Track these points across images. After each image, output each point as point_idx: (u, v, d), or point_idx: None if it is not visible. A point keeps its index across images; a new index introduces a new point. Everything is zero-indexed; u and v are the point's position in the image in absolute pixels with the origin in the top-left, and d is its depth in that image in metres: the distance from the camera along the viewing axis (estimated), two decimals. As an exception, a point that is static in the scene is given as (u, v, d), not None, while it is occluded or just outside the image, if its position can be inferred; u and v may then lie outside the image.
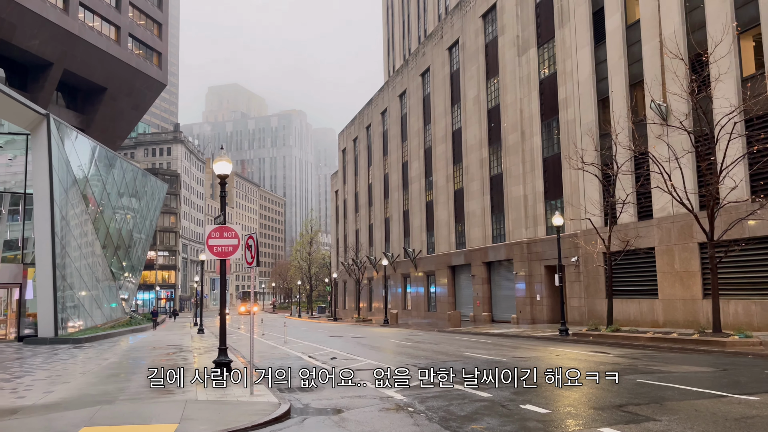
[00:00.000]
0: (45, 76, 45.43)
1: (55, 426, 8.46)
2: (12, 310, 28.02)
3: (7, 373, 15.16)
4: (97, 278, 36.31)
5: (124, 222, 43.70)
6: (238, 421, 8.68)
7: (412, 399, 10.40)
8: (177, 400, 10.47)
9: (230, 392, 11.25)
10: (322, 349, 22.24)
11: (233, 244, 13.35)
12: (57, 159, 27.52)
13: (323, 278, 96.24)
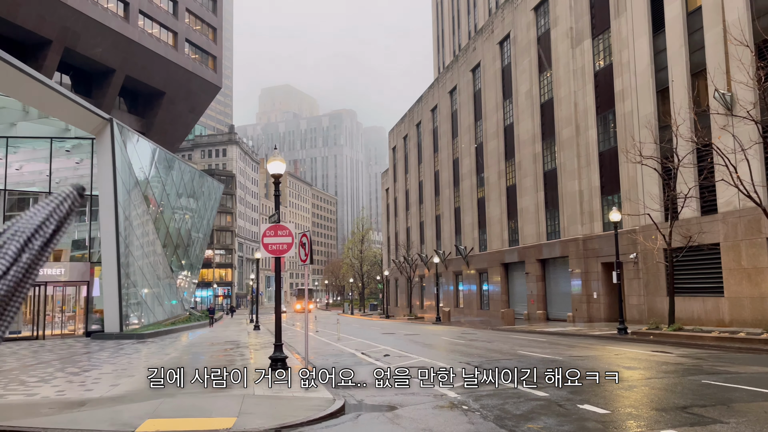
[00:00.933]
0: (108, 82, 47.40)
1: (120, 418, 8.82)
2: (80, 306, 29.39)
3: (76, 367, 15.92)
4: (158, 276, 37.66)
5: (182, 221, 45.15)
6: (294, 416, 8.82)
7: (465, 397, 10.32)
8: (235, 394, 10.73)
9: (286, 388, 11.44)
10: (374, 346, 22.36)
11: (287, 242, 13.58)
12: (120, 162, 28.68)
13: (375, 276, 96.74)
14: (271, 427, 8.21)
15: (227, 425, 8.18)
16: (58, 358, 18.63)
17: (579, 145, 34.66)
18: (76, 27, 42.15)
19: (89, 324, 28.31)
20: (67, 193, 1.03)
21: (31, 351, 21.10)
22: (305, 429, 8.24)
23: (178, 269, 44.81)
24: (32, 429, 8.09)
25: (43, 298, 27.53)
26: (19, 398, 10.85)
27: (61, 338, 26.97)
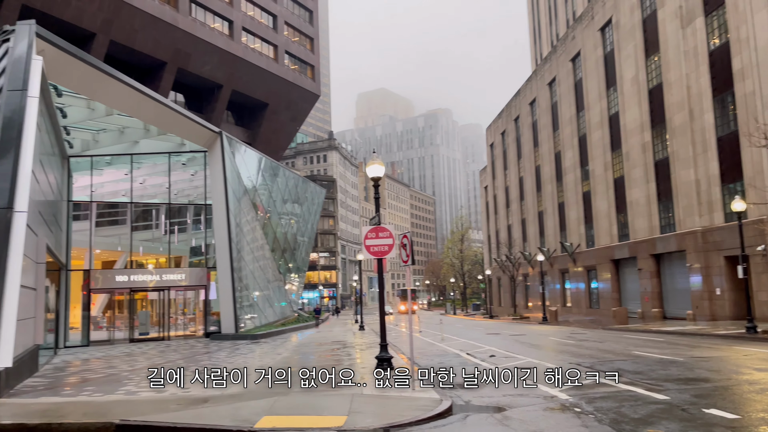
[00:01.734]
0: (216, 97, 50.40)
1: (240, 414, 9.32)
2: (199, 309, 31.44)
3: (198, 366, 17.02)
4: (268, 279, 39.49)
5: (288, 226, 47.05)
6: (402, 415, 8.91)
7: (578, 399, 9.94)
8: (344, 393, 11.01)
9: (393, 387, 11.58)
10: (479, 346, 22.10)
11: (389, 243, 13.75)
12: (230, 172, 30.39)
13: (476, 275, 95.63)
14: (380, 426, 8.34)
15: (338, 423, 8.41)
16: (182, 357, 20.02)
17: (693, 131, 32.35)
18: (187, 48, 45.19)
19: (208, 325, 30.19)
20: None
21: (158, 351, 22.83)
22: (413, 429, 8.30)
23: (285, 272, 46.74)
24: (163, 423, 8.76)
25: (167, 301, 29.70)
26: (150, 395, 11.78)
27: (183, 339, 28.97)
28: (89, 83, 20.33)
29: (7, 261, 12.30)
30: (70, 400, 11.34)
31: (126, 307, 29.74)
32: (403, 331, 36.15)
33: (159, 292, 29.46)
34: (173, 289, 29.75)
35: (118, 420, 8.91)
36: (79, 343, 26.30)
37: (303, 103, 59.80)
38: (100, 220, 30.18)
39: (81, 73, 19.28)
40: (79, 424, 8.87)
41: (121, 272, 29.02)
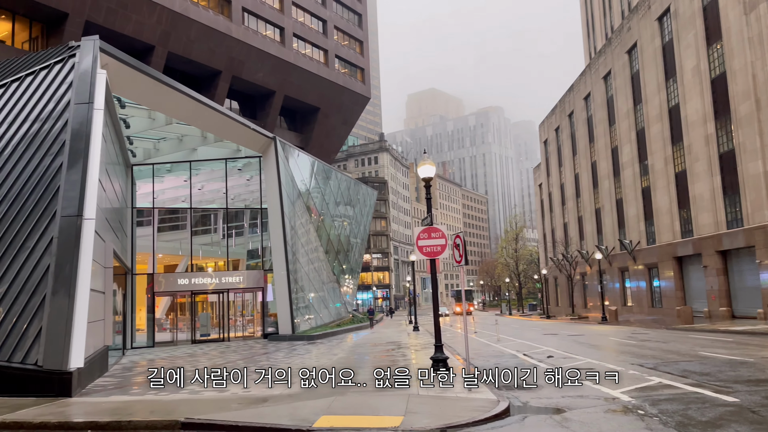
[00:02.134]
0: (269, 103, 51.48)
1: (299, 414, 9.49)
2: (257, 310, 32.18)
3: (257, 366, 17.43)
4: (322, 281, 40.02)
5: (341, 228, 47.54)
6: (458, 416, 8.87)
7: (641, 401, 9.64)
8: (400, 394, 11.05)
9: (448, 388, 11.54)
10: (536, 347, 21.71)
11: (441, 243, 13.72)
12: (284, 176, 30.98)
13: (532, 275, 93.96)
14: (437, 427, 8.33)
15: (395, 424, 8.45)
16: (241, 358, 20.54)
17: (761, 121, 30.80)
18: (240, 56, 46.36)
19: (265, 327, 30.85)
20: None
21: (219, 351, 23.50)
22: (471, 430, 8.25)
23: (339, 273, 47.23)
24: (225, 422, 9.02)
25: (226, 303, 30.55)
26: (212, 394, 12.14)
27: (243, 340, 29.70)
28: (150, 94, 21.15)
29: (78, 266, 12.94)
30: (137, 399, 11.82)
31: (188, 310, 30.76)
32: (458, 332, 35.92)
33: (218, 294, 30.32)
34: (232, 291, 30.56)
35: (183, 418, 9.23)
36: (145, 344, 27.37)
37: (353, 105, 60.31)
38: (162, 226, 31.32)
39: (142, 84, 20.08)
40: (147, 421, 9.24)
41: (183, 275, 30.01)
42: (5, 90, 16.54)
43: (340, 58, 58.11)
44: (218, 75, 45.92)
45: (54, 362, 11.92)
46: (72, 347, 12.16)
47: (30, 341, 12.20)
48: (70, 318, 12.36)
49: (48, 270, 12.85)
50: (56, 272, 12.77)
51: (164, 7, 39.75)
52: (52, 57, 16.90)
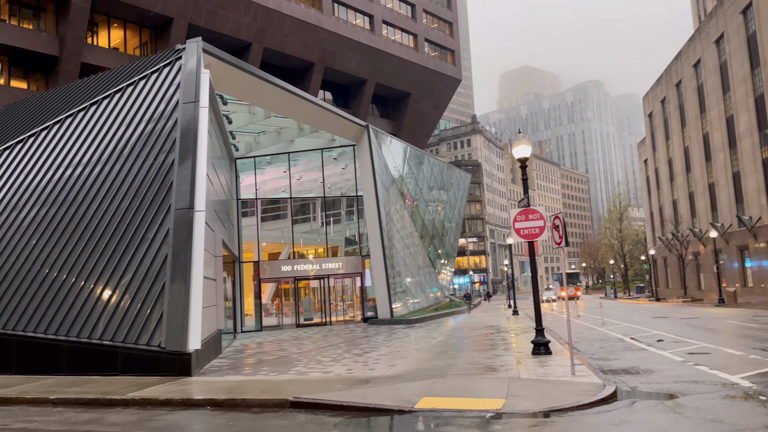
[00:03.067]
0: (361, 91, 52.20)
1: (400, 395, 9.70)
2: (356, 295, 33.00)
3: (358, 349, 17.93)
4: (418, 266, 40.29)
5: (435, 213, 47.53)
6: (562, 399, 8.70)
7: (764, 386, 8.98)
8: (501, 377, 10.98)
9: (551, 372, 11.32)
10: (645, 330, 20.71)
11: (539, 225, 13.38)
12: (377, 163, 31.40)
13: (638, 256, 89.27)
14: (540, 410, 8.22)
15: (496, 406, 8.43)
16: (343, 341, 21.19)
17: None
18: (332, 47, 47.29)
19: (365, 311, 31.59)
20: None
21: (321, 335, 24.38)
22: (575, 414, 8.06)
23: (435, 258, 47.31)
24: (330, 401, 9.39)
25: (327, 289, 31.58)
26: (317, 375, 12.67)
27: (344, 324, 30.61)
28: (249, 90, 22.14)
29: (192, 255, 13.88)
30: (249, 379, 12.56)
31: (291, 295, 32.11)
32: (560, 315, 34.96)
33: (319, 280, 31.39)
34: (332, 277, 31.52)
35: (292, 397, 9.72)
36: (253, 328, 28.91)
37: (445, 89, 59.80)
38: (265, 216, 32.81)
39: (242, 81, 21.06)
40: (259, 400, 9.81)
41: (286, 263, 31.34)
42: (122, 94, 17.94)
43: (429, 41, 57.74)
44: (311, 67, 47.12)
45: (175, 344, 12.90)
46: (190, 330, 13.10)
47: (153, 325, 13.27)
48: (186, 303, 13.31)
49: (166, 259, 13.89)
50: (173, 261, 13.77)
51: (259, 5, 41.29)
52: (160, 61, 18.09)
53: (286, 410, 9.34)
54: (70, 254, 15.02)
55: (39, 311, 14.32)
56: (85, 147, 17.07)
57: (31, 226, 16.01)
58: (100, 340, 13.38)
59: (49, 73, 36.09)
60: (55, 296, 14.46)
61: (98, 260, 14.63)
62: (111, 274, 14.30)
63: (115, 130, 16.96)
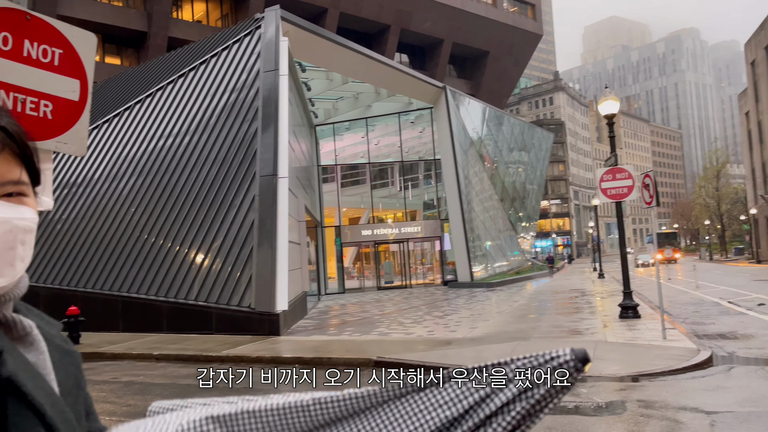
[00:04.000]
0: (438, 52, 51.26)
1: (483, 356, 9.72)
2: (436, 259, 33.11)
3: (439, 311, 18.07)
4: (498, 229, 39.74)
5: (516, 175, 46.46)
6: (651, 364, 8.41)
7: None
8: (586, 340, 10.74)
9: (640, 336, 10.95)
10: (744, 294, 19.54)
11: (628, 185, 12.82)
12: (455, 125, 30.92)
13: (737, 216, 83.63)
14: (628, 374, 7.99)
15: (582, 369, 8.27)
16: (423, 303, 21.41)
17: None
18: (407, 7, 46.55)
19: (444, 274, 31.67)
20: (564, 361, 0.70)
21: (402, 298, 24.72)
22: (667, 379, 7.78)
23: (516, 221, 46.47)
24: (413, 362, 9.56)
25: (406, 252, 31.86)
26: (399, 336, 12.90)
27: (423, 287, 30.87)
28: (327, 56, 22.28)
29: (277, 220, 14.37)
30: (334, 339, 12.98)
31: (372, 259, 32.66)
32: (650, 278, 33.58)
33: (399, 244, 31.69)
34: (411, 240, 31.72)
35: (375, 357, 9.97)
36: (336, 291, 29.74)
37: (525, 45, 57.58)
38: (344, 181, 33.32)
39: (319, 47, 21.20)
40: (344, 359, 10.14)
41: (366, 227, 31.81)
42: (206, 65, 18.56)
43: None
44: (387, 29, 46.67)
45: (264, 305, 13.51)
46: (277, 292, 13.65)
47: (243, 287, 13.94)
48: (273, 267, 13.85)
49: (253, 225, 14.46)
50: (260, 226, 14.33)
51: (333, -31, 41.14)
52: (241, 31, 18.50)
53: (370, 369, 9.61)
54: (165, 221, 15.96)
55: (140, 275, 15.39)
56: (175, 118, 17.90)
57: (129, 196, 17.10)
58: (196, 301, 14.23)
59: (140, 49, 37.87)
60: (153, 260, 15.46)
61: (191, 226, 15.46)
62: (203, 239, 15.08)
63: (202, 101, 17.64)
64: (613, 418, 6.27)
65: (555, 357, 0.72)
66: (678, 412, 6.27)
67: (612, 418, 6.27)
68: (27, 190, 0.87)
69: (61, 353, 0.93)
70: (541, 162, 53.06)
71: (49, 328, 0.95)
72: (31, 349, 0.86)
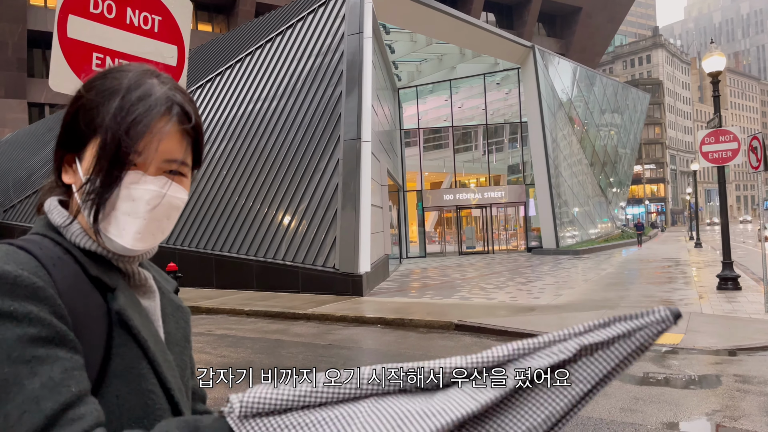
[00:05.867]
0: (526, 10, 49.22)
1: (566, 324, 9.49)
2: (519, 225, 32.46)
3: (522, 278, 17.80)
4: (587, 195, 38.29)
5: (608, 138, 44.33)
6: (751, 338, 7.93)
7: None
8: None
9: (739, 308, 10.32)
10: None
11: (732, 148, 11.96)
12: (544, 86, 29.76)
13: None
14: (724, 348, 7.59)
15: (674, 341, 7.94)
16: (506, 269, 21.15)
17: None
18: (494, -35, 44.84)
19: (528, 240, 31.04)
20: (660, 318, 0.68)
21: (484, 263, 24.53)
22: (767, 354, 7.32)
23: (606, 187, 44.56)
24: (494, 326, 9.52)
25: (489, 218, 31.45)
26: (480, 301, 12.86)
27: (506, 253, 30.45)
28: (411, 17, 21.97)
29: (360, 184, 14.56)
30: (415, 301, 13.14)
31: (453, 224, 32.51)
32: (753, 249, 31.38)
33: (481, 209, 31.30)
34: (494, 206, 31.23)
35: (456, 320, 10.01)
36: (418, 255, 29.94)
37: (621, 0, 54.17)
38: (427, 145, 33.10)
39: (405, 8, 20.93)
40: (425, 321, 10.26)
41: (448, 191, 31.61)
42: (292, 30, 18.82)
43: (603, -53, 52.19)
44: (473, -12, 45.27)
45: (347, 266, 13.85)
46: (360, 254, 13.94)
47: (328, 249, 14.33)
48: (357, 229, 14.11)
49: (337, 188, 14.75)
50: (344, 189, 14.59)
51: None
52: (326, -6, 18.55)
53: (450, 332, 9.67)
54: (255, 183, 16.59)
55: (231, 234, 16.17)
56: (263, 83, 18.38)
57: (221, 159, 17.85)
58: (283, 261, 14.80)
59: (229, 15, 38.96)
60: (244, 221, 16.17)
61: (278, 189, 15.99)
62: (290, 201, 15.57)
63: (288, 65, 17.97)
64: (706, 391, 6.00)
65: (649, 313, 0.70)
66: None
67: (705, 391, 6.00)
68: (187, 171, 0.93)
69: (173, 307, 1.03)
70: (636, 124, 50.27)
71: (166, 284, 1.06)
72: (145, 297, 0.95)
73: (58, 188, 0.94)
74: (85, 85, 0.90)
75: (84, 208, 0.86)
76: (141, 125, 0.84)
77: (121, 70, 0.91)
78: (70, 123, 0.89)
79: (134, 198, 0.86)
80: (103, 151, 0.84)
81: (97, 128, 0.86)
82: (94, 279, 0.85)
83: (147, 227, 0.87)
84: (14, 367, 0.70)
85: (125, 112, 0.85)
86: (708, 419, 5.23)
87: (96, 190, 0.85)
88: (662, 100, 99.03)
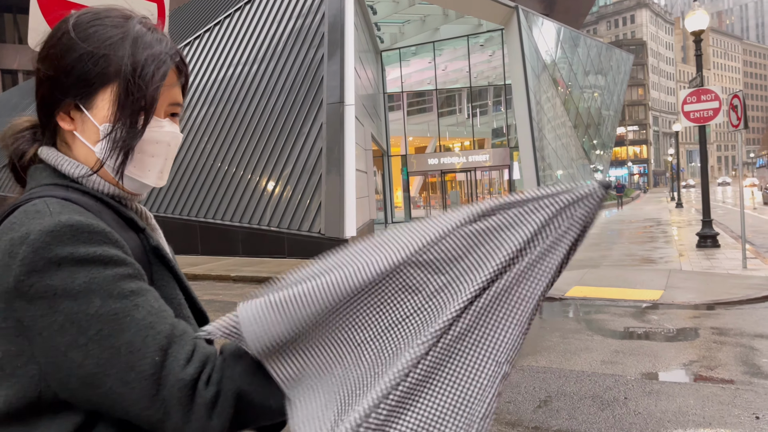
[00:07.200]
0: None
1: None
2: (504, 188, 32.63)
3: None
4: (571, 157, 38.45)
5: (591, 100, 44.34)
6: (728, 293, 8.15)
7: None
8: (660, 269, 10.49)
9: (718, 265, 10.57)
10: (837, 225, 18.31)
11: (713, 107, 12.05)
12: (527, 48, 29.52)
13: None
14: (702, 303, 7.80)
15: (654, 297, 8.13)
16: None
17: None
18: None
19: (514, 203, 31.26)
20: (588, 192, 0.78)
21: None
22: (744, 307, 7.54)
23: (590, 149, 44.76)
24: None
25: (474, 182, 31.55)
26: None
27: (491, 215, 30.66)
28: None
29: (344, 148, 14.49)
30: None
31: (438, 188, 32.58)
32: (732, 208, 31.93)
33: (466, 173, 31.36)
34: (478, 169, 31.30)
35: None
36: (402, 220, 30.05)
37: (605, -42, 53.46)
38: (411, 109, 32.88)
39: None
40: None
41: (432, 156, 31.58)
42: (272, -8, 18.39)
43: None
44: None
45: (333, 231, 13.88)
46: (345, 219, 13.97)
47: (313, 214, 14.33)
48: (342, 194, 14.10)
49: (321, 152, 14.66)
50: (328, 154, 14.51)
51: None
52: (305, -46, 18.08)
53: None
54: (237, 149, 16.43)
55: (216, 201, 16.08)
56: (243, 45, 18.03)
57: (203, 125, 17.61)
58: (269, 227, 14.79)
59: (206, -22, 37.82)
60: (227, 187, 16.06)
61: (261, 154, 15.86)
62: (273, 167, 15.47)
63: (268, 27, 17.62)
64: (683, 344, 6.18)
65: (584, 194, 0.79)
66: (754, 340, 6.11)
67: (683, 344, 6.19)
68: (181, 112, 1.02)
69: None
70: (619, 86, 50.27)
71: None
72: (154, 234, 1.02)
73: (42, 137, 0.97)
74: (78, 34, 0.91)
75: (112, 154, 0.91)
76: (159, 75, 0.91)
77: (109, 16, 0.95)
78: (72, 71, 0.90)
79: (158, 140, 0.95)
80: (127, 99, 0.90)
81: (111, 78, 0.90)
82: (127, 220, 0.94)
83: (165, 165, 0.98)
84: (119, 302, 0.79)
85: (144, 63, 0.90)
86: (685, 369, 5.41)
87: (125, 137, 0.91)
88: (646, 61, 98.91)
